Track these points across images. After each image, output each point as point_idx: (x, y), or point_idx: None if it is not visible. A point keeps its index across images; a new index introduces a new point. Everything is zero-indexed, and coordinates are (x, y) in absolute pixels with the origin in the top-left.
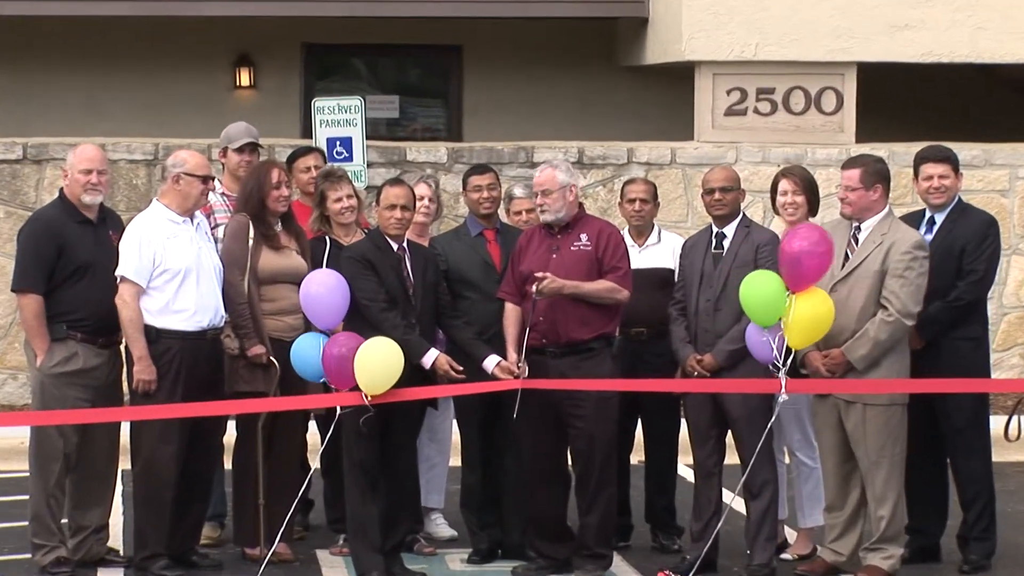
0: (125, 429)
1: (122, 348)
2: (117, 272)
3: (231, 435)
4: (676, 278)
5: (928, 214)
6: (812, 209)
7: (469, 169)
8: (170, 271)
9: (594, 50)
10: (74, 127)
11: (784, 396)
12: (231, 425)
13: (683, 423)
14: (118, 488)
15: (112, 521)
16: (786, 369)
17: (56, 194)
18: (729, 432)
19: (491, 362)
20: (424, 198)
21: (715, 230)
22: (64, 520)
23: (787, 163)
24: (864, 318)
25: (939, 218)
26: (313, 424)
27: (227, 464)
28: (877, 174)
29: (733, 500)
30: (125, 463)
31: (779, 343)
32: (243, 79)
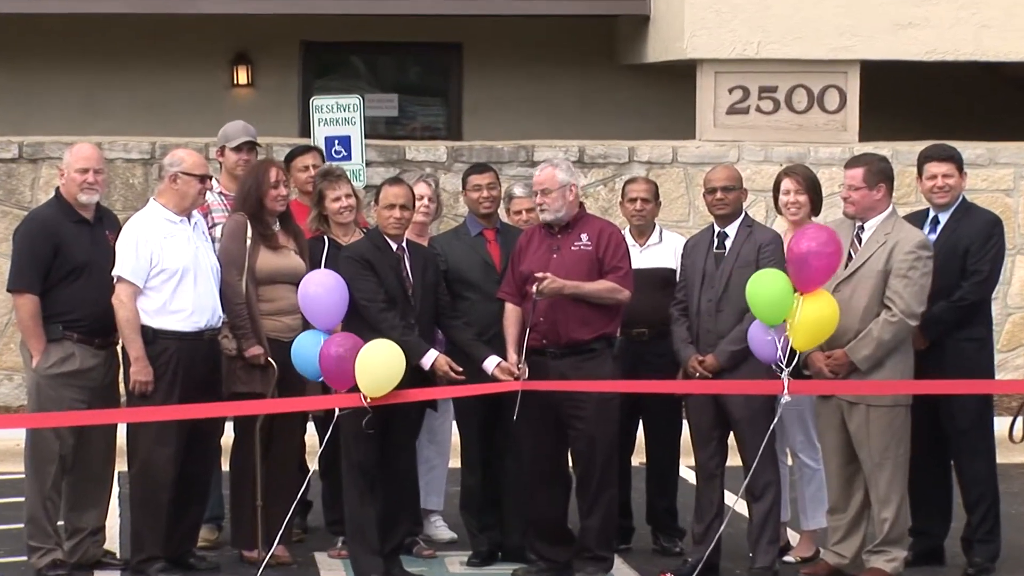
0: (122, 431)
1: (119, 349)
2: (114, 272)
3: (229, 436)
4: (678, 278)
5: (932, 213)
6: (815, 208)
7: (469, 168)
8: (167, 271)
9: (595, 48)
10: (72, 125)
11: (787, 397)
12: (229, 426)
13: (685, 424)
14: (115, 490)
15: (109, 523)
16: (789, 370)
17: (52, 193)
18: (731, 433)
19: (491, 363)
20: (423, 197)
21: (717, 230)
22: (60, 522)
23: (790, 162)
24: (868, 318)
25: (943, 218)
26: (311, 425)
27: (225, 466)
28: (880, 173)
29: (735, 502)
30: (122, 465)
31: (783, 343)
32: (241, 77)
